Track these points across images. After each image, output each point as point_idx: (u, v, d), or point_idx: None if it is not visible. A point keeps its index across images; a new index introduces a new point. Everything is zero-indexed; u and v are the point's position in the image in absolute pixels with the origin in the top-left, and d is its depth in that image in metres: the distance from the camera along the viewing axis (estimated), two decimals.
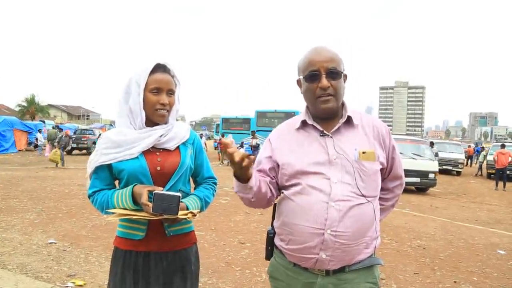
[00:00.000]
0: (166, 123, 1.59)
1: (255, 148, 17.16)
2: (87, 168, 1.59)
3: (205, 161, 1.73)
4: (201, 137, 16.66)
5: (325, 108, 1.39)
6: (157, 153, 1.55)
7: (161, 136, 1.55)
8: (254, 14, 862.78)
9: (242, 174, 1.32)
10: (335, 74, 1.38)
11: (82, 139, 21.61)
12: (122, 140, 1.52)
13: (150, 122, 1.57)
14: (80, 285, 3.33)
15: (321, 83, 1.36)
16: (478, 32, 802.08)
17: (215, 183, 1.76)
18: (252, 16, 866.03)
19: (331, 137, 1.40)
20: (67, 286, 3.30)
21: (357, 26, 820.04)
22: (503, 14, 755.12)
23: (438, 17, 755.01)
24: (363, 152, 1.37)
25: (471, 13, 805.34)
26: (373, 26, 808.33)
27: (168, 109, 1.56)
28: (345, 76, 1.45)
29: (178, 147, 1.59)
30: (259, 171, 1.49)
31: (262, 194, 1.42)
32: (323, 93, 1.37)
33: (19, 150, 21.19)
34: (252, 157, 1.27)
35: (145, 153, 1.53)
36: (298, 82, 1.49)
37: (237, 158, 1.23)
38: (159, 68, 1.56)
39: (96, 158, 1.55)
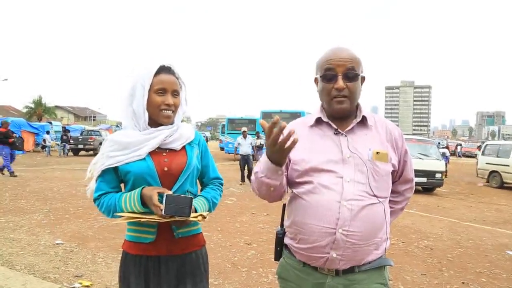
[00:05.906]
0: (172, 123, 1.58)
1: (258, 148, 17.15)
2: (91, 171, 1.58)
3: (211, 162, 1.72)
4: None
5: (339, 109, 1.39)
6: (164, 154, 1.54)
7: (166, 136, 1.54)
8: (258, 15, 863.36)
9: (281, 158, 1.26)
10: (351, 76, 1.37)
11: (89, 140, 21.75)
12: (128, 142, 1.51)
13: (155, 123, 1.56)
14: (87, 286, 3.35)
15: (337, 84, 1.36)
16: (484, 30, 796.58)
17: (222, 184, 1.76)
18: (256, 17, 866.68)
19: (345, 135, 1.40)
20: (74, 287, 3.32)
21: (362, 25, 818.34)
22: (509, 11, 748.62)
23: (444, 16, 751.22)
24: (377, 153, 1.37)
25: (477, 12, 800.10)
26: (377, 26, 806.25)
27: (173, 110, 1.56)
28: (363, 78, 1.44)
29: (184, 147, 1.59)
30: None
31: (282, 186, 1.39)
32: (338, 93, 1.37)
33: (27, 151, 21.39)
34: (296, 138, 1.19)
35: (152, 154, 1.52)
36: (316, 80, 1.48)
37: (287, 141, 1.18)
38: (164, 69, 1.56)
39: (102, 161, 1.53)
